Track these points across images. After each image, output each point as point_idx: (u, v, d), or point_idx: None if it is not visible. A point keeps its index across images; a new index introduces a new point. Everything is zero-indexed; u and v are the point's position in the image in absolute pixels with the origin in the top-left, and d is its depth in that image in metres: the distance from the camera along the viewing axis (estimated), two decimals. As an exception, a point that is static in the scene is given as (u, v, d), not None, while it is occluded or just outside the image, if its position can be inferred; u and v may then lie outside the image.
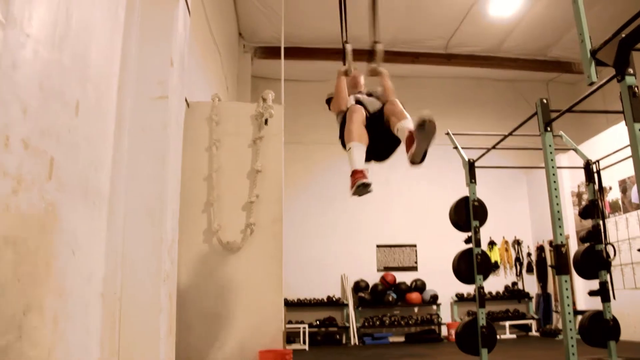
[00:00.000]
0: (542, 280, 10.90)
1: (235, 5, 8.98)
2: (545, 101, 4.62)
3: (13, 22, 1.52)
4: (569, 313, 4.10)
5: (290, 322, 9.79)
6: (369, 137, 3.30)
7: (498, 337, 5.93)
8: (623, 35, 3.01)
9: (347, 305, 10.49)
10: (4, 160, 1.50)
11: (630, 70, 3.09)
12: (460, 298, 10.78)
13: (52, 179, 1.81)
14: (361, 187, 3.15)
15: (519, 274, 11.32)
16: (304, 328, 9.54)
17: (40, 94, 1.73)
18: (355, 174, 3.20)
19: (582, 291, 9.18)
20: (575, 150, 6.19)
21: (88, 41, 2.18)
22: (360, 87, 3.82)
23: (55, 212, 1.84)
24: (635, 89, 3.08)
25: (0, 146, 1.47)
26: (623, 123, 3.10)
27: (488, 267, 5.84)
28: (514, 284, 11.21)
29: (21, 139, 1.60)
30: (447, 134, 6.45)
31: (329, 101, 3.70)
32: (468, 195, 5.94)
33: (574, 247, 9.23)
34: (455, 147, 6.28)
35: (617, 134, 7.99)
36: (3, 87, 1.48)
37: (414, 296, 10.55)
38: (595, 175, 5.99)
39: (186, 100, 3.81)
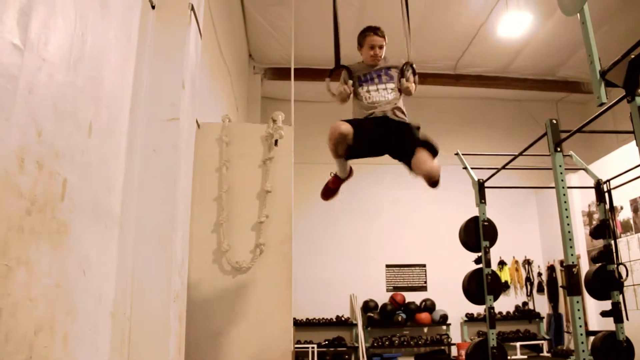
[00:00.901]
0: (553, 300, 10.78)
1: (245, 27, 9.08)
2: (554, 122, 4.62)
3: (30, 47, 1.56)
4: (581, 334, 4.06)
5: (299, 342, 9.73)
6: (372, 140, 3.39)
7: (509, 358, 5.86)
8: (632, 56, 3.02)
9: (356, 325, 10.41)
10: (19, 181, 1.52)
11: (640, 91, 3.09)
12: (471, 318, 10.68)
13: (65, 200, 1.83)
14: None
15: (530, 294, 11.21)
16: (313, 348, 9.48)
17: (54, 116, 1.76)
18: (334, 180, 3.70)
19: (594, 311, 9.07)
20: (586, 170, 6.17)
21: (102, 64, 2.22)
22: (378, 59, 3.56)
23: (68, 233, 1.86)
24: (645, 109, 3.08)
25: (15, 168, 1.50)
26: (634, 142, 3.09)
27: (498, 287, 5.80)
28: (525, 304, 11.09)
29: (36, 160, 1.62)
30: (457, 154, 6.46)
31: (331, 73, 3.57)
32: (478, 215, 5.93)
33: (585, 266, 9.14)
34: (465, 168, 6.28)
35: (627, 154, 7.95)
36: (19, 110, 1.51)
37: (424, 316, 10.47)
38: (606, 194, 5.96)
39: (197, 121, 3.85)
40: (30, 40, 1.55)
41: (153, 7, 2.97)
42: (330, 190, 3.70)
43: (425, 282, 11.05)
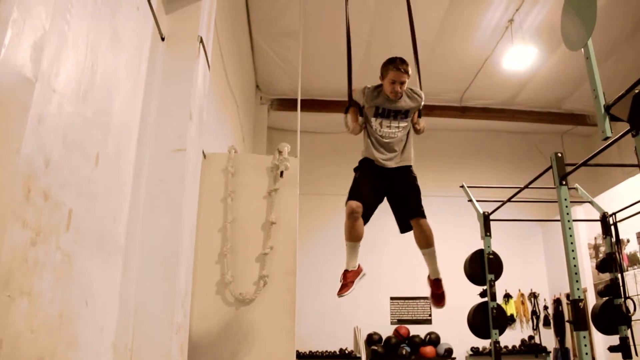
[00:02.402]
0: (560, 334, 10.61)
1: (253, 58, 9.19)
2: (560, 155, 4.62)
3: (42, 79, 1.58)
4: (589, 371, 3.99)
5: (302, 375, 9.60)
6: (377, 193, 3.62)
7: (516, 395, 5.75)
8: (637, 91, 3.03)
9: (359, 358, 10.26)
10: (24, 212, 1.53)
11: (645, 125, 3.09)
12: (476, 352, 10.51)
13: (70, 230, 1.83)
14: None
15: (536, 328, 11.05)
16: (316, 382, 9.33)
17: (62, 146, 1.78)
18: (345, 275, 3.74)
19: (602, 346, 8.91)
20: (591, 202, 6.14)
21: (111, 95, 2.24)
22: (398, 95, 3.62)
23: (71, 263, 1.86)
24: (651, 143, 3.08)
25: (21, 198, 1.50)
26: (639, 175, 3.09)
27: (504, 321, 5.73)
28: (531, 337, 10.92)
29: (42, 190, 1.63)
30: (462, 186, 6.45)
31: (347, 110, 3.77)
32: (483, 248, 5.89)
33: (591, 300, 9.02)
34: (470, 200, 6.27)
35: (633, 186, 7.92)
36: (28, 141, 1.52)
37: (428, 350, 10.31)
38: (612, 227, 5.92)
39: (203, 151, 3.87)
40: (42, 72, 1.57)
41: (163, 39, 3.02)
42: (345, 287, 3.78)
43: (430, 315, 10.92)
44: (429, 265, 3.85)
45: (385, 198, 3.69)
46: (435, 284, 3.79)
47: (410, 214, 3.65)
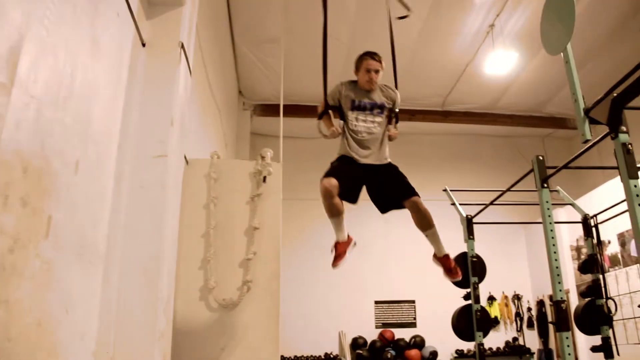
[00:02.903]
0: (544, 335, 10.70)
1: (235, 64, 9.18)
2: (541, 158, 4.68)
3: (19, 84, 1.56)
4: (572, 372, 4.03)
5: (287, 381, 9.56)
6: (355, 179, 3.57)
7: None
8: (615, 95, 3.08)
9: (345, 363, 10.26)
10: (2, 218, 1.51)
11: (624, 128, 3.15)
12: (461, 354, 10.55)
13: (49, 237, 1.81)
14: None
15: (520, 330, 11.13)
16: (302, 387, 9.30)
17: (41, 153, 1.76)
18: (336, 247, 3.63)
19: (584, 347, 9.00)
20: (573, 205, 6.21)
21: (90, 101, 2.23)
22: (373, 84, 3.71)
23: (51, 270, 1.84)
24: (629, 146, 3.13)
25: (-1, 205, 1.49)
26: (619, 177, 3.13)
27: (488, 323, 5.77)
28: (515, 339, 11.00)
29: (20, 197, 1.61)
30: (445, 190, 6.49)
31: (321, 116, 3.79)
32: (466, 251, 5.93)
33: (574, 301, 9.12)
34: (453, 204, 6.31)
35: (613, 188, 8.02)
36: (5, 147, 1.50)
37: (413, 353, 10.33)
38: (594, 229, 5.99)
39: (185, 157, 3.85)
40: (19, 78, 1.56)
41: (144, 45, 3.00)
42: (338, 257, 3.67)
43: (415, 319, 10.95)
44: (434, 245, 3.80)
45: (365, 187, 3.63)
46: (445, 260, 3.78)
47: (403, 196, 3.60)
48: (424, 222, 3.65)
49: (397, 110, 3.80)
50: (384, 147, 3.69)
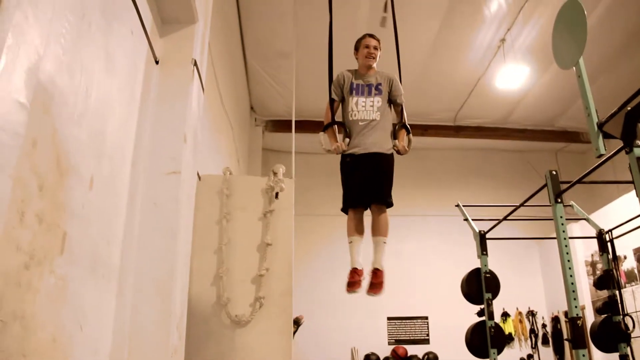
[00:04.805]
0: (559, 352, 10.54)
1: (247, 80, 9.24)
2: (554, 173, 4.64)
3: (35, 103, 1.58)
4: (589, 390, 3.96)
5: (300, 398, 9.49)
6: (362, 185, 3.83)
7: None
8: (629, 108, 3.05)
9: (358, 380, 10.17)
10: (18, 235, 1.52)
11: (638, 142, 3.11)
12: (475, 373, 10.43)
13: (64, 254, 1.83)
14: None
15: (535, 347, 10.97)
16: (314, 405, 9.22)
17: (57, 169, 1.78)
18: (352, 273, 3.84)
19: (602, 365, 8.87)
20: (587, 220, 6.15)
21: (105, 118, 2.25)
22: (373, 58, 3.96)
23: (66, 287, 1.85)
24: (644, 160, 3.09)
25: (15, 221, 1.50)
26: (634, 192, 3.10)
27: (502, 340, 5.70)
28: (530, 356, 10.84)
29: (36, 214, 1.63)
30: (457, 205, 6.46)
31: (326, 128, 3.99)
32: (480, 267, 5.88)
33: (590, 317, 8.98)
34: (466, 219, 6.28)
35: (629, 202, 7.92)
36: (22, 165, 1.52)
37: (427, 370, 10.23)
38: (609, 244, 5.92)
39: (198, 173, 3.87)
40: (36, 97, 1.58)
41: (157, 62, 3.04)
42: (352, 284, 3.86)
43: (428, 335, 10.85)
44: (376, 254, 3.87)
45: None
46: (375, 272, 3.83)
47: (374, 198, 3.81)
48: (380, 230, 3.82)
49: (400, 101, 4.01)
50: (385, 136, 3.83)
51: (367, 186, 3.81)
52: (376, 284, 3.80)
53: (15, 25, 1.43)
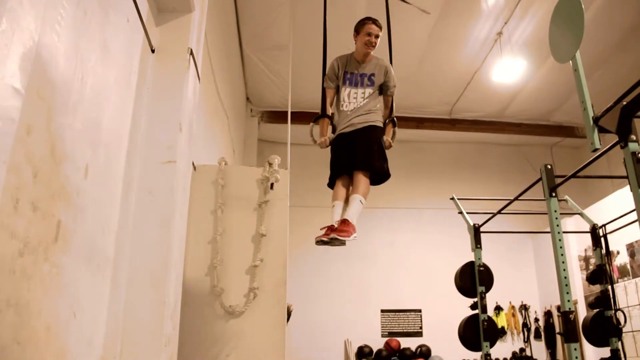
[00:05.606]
0: (551, 346, 10.62)
1: (243, 70, 9.21)
2: (549, 167, 4.65)
3: (30, 89, 1.57)
4: (580, 383, 3.99)
5: (292, 389, 9.53)
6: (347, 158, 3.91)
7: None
8: (624, 103, 3.06)
9: (351, 371, 10.22)
10: (12, 223, 1.52)
11: (633, 137, 3.12)
12: (468, 365, 10.50)
13: (59, 241, 1.82)
14: (321, 243, 3.82)
15: (527, 340, 11.05)
16: (307, 395, 9.26)
17: (51, 158, 1.77)
18: (327, 228, 3.80)
19: (593, 358, 8.92)
20: (581, 214, 6.18)
21: (100, 106, 2.24)
22: (373, 46, 3.96)
23: (60, 275, 1.84)
24: (639, 155, 3.11)
25: (9, 209, 1.49)
26: (628, 187, 3.11)
27: (495, 334, 5.73)
28: (522, 350, 10.92)
29: (30, 201, 1.62)
30: (452, 198, 6.48)
31: (316, 119, 4.16)
32: (473, 260, 5.90)
33: (582, 312, 9.04)
34: (460, 212, 6.29)
35: (623, 198, 7.96)
36: (16, 152, 1.51)
37: (420, 363, 10.29)
38: (602, 239, 5.95)
39: (193, 163, 3.86)
40: (31, 83, 1.57)
41: (153, 51, 3.02)
42: (322, 235, 3.83)
43: (421, 328, 10.90)
44: (348, 209, 3.82)
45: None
46: (343, 221, 3.79)
47: (358, 165, 3.81)
48: (356, 189, 3.79)
49: (391, 92, 4.01)
50: (372, 113, 3.89)
51: (350, 154, 3.86)
52: (339, 230, 3.71)
53: (9, 10, 1.41)
